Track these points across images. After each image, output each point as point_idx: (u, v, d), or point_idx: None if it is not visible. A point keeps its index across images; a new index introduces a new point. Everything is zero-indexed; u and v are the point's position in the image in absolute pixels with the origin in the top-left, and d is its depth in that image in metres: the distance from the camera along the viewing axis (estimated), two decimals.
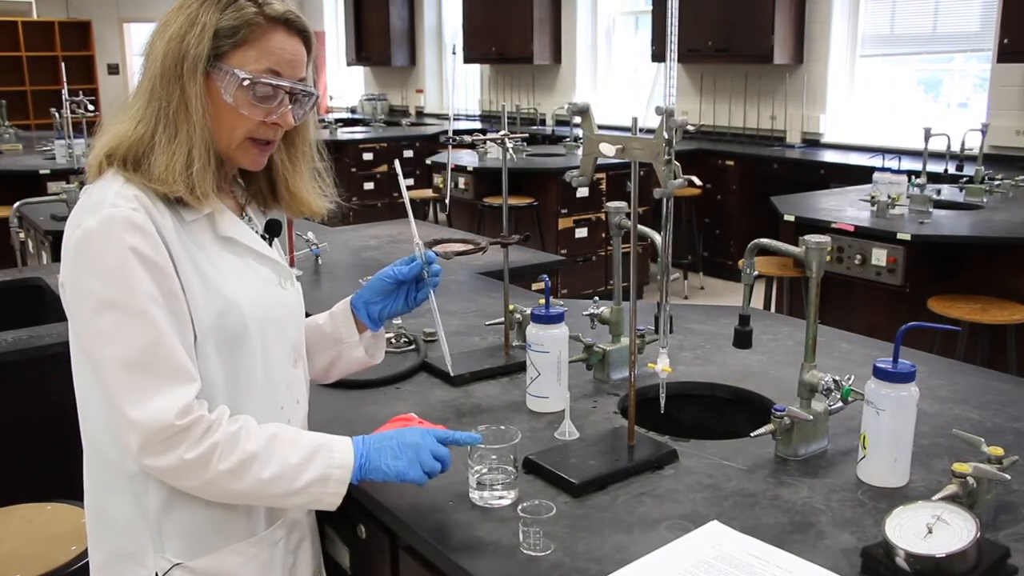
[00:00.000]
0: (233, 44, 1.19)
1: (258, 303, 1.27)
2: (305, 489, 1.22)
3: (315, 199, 1.39)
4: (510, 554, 1.18)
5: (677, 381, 1.79)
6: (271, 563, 1.34)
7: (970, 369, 1.91)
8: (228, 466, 1.17)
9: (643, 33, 8.00)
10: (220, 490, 1.19)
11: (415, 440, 1.28)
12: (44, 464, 2.08)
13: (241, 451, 1.18)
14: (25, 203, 3.12)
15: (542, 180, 5.74)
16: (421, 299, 1.49)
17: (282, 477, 1.20)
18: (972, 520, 1.11)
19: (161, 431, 1.13)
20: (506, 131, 1.78)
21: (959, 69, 6.14)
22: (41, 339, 2.21)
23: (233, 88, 1.20)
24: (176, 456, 1.14)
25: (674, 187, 1.27)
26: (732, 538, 1.20)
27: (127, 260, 1.13)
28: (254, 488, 1.19)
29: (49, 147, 6.18)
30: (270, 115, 1.23)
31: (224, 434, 1.17)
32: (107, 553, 1.29)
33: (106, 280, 1.13)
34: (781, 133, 6.83)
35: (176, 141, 1.18)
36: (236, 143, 1.24)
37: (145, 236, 1.14)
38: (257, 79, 1.20)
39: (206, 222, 1.24)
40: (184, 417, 1.14)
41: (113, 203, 1.15)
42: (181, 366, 1.16)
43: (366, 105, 10.77)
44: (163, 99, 1.19)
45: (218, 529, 1.27)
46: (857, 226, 3.67)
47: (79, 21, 12.02)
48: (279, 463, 1.20)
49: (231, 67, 1.19)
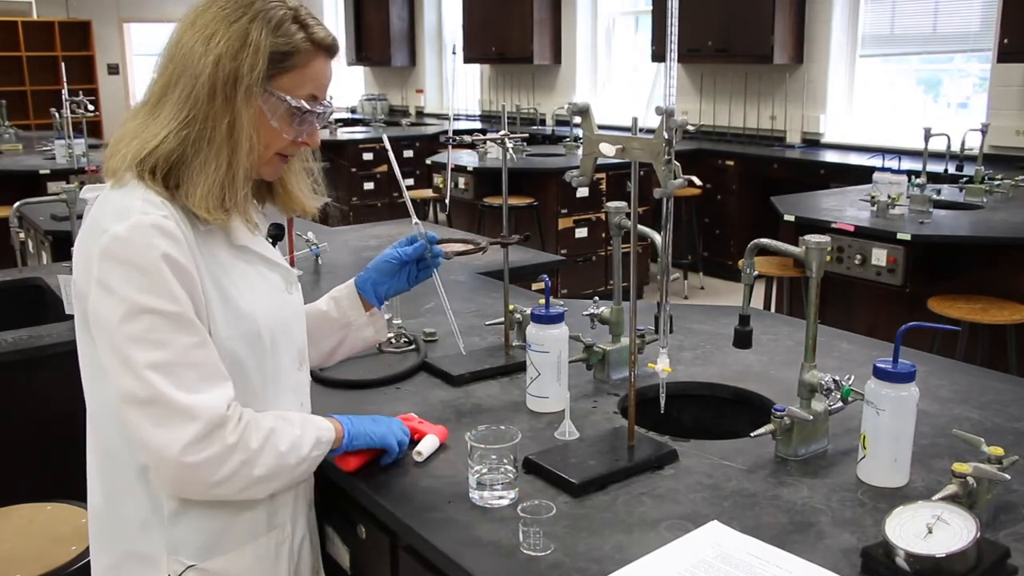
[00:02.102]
0: (284, 69, 1.21)
1: (270, 312, 1.28)
2: (309, 455, 1.28)
3: (308, 198, 1.41)
4: (510, 554, 1.18)
5: (677, 381, 1.79)
6: (278, 563, 1.35)
7: (970, 369, 1.91)
8: (257, 443, 1.21)
9: (643, 33, 8.00)
10: (246, 475, 1.20)
11: (382, 418, 1.44)
12: (44, 464, 2.08)
13: (264, 428, 1.23)
14: (25, 203, 3.12)
15: (542, 180, 5.74)
16: (422, 278, 1.59)
17: (293, 447, 1.25)
18: (972, 520, 1.11)
19: (218, 419, 1.16)
20: (506, 131, 1.78)
21: (959, 69, 6.13)
22: (41, 339, 2.21)
23: (279, 112, 1.21)
24: (221, 442, 1.17)
25: (674, 187, 1.27)
26: (732, 538, 1.20)
27: (160, 266, 1.13)
28: (275, 462, 1.23)
29: (49, 147, 6.18)
30: (301, 135, 1.27)
31: (248, 415, 1.22)
32: (117, 555, 1.29)
33: (139, 285, 1.12)
34: (781, 133, 6.83)
35: (218, 163, 1.17)
36: (267, 160, 1.26)
37: (176, 243, 1.15)
38: (304, 107, 1.22)
39: (220, 231, 1.24)
40: (231, 409, 1.18)
41: (143, 210, 1.14)
42: (219, 366, 1.19)
43: (366, 105, 10.78)
44: (209, 117, 1.17)
45: (229, 531, 1.28)
46: (857, 226, 3.67)
47: (79, 21, 12.01)
48: (288, 435, 1.25)
49: (280, 92, 1.21)
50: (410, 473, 1.42)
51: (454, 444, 1.50)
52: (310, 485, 1.45)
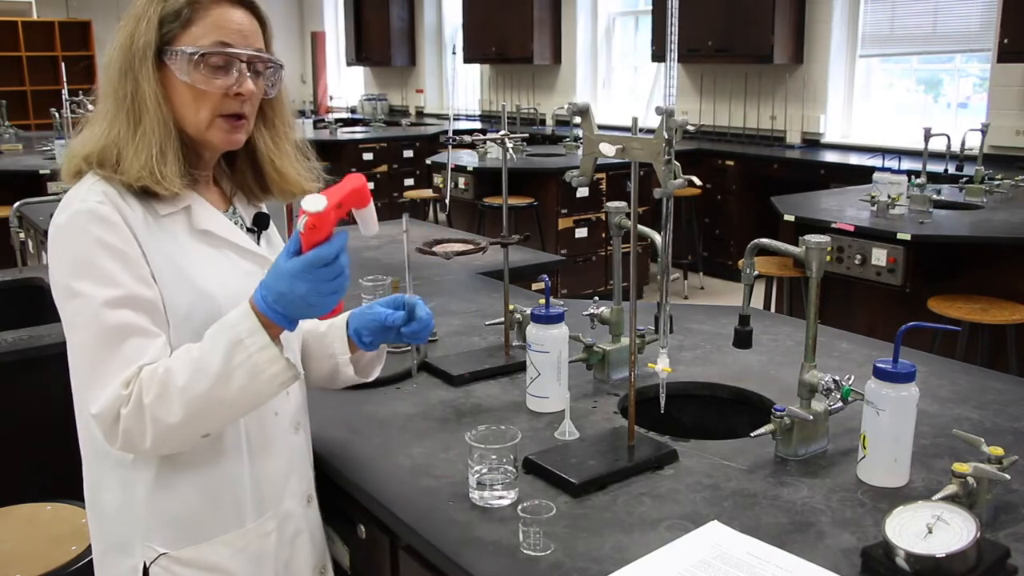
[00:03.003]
0: (179, 26, 1.23)
1: (236, 295, 1.23)
2: (229, 363, 1.13)
3: (303, 178, 1.40)
4: (510, 554, 1.18)
5: (677, 381, 1.79)
6: (261, 556, 1.33)
7: (970, 369, 1.90)
8: (151, 397, 1.13)
9: (643, 33, 8.00)
10: (164, 427, 1.14)
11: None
12: (44, 464, 2.08)
13: (156, 377, 1.14)
14: (25, 203, 3.12)
15: (542, 180, 5.74)
16: (416, 340, 1.42)
17: (197, 371, 1.13)
18: (972, 520, 1.11)
19: (114, 414, 1.14)
20: (506, 131, 1.78)
21: (959, 69, 6.14)
22: (41, 339, 2.21)
23: (186, 66, 1.22)
24: (124, 421, 1.14)
25: (674, 187, 1.27)
26: (732, 538, 1.20)
27: (94, 250, 1.17)
28: (185, 402, 1.13)
29: (49, 147, 6.18)
30: (231, 87, 1.24)
31: (145, 373, 1.15)
32: (104, 544, 1.31)
33: (71, 270, 1.17)
34: (781, 133, 6.83)
35: (140, 134, 1.22)
36: (205, 123, 1.25)
37: (111, 227, 1.18)
38: (205, 51, 1.22)
39: (183, 216, 1.27)
40: (129, 387, 1.15)
41: (82, 198, 1.20)
42: (130, 357, 1.15)
43: (366, 105, 10.78)
44: (123, 96, 1.23)
45: (204, 519, 1.28)
46: (857, 226, 3.67)
47: (79, 21, 12.00)
48: (185, 366, 1.14)
49: (180, 47, 1.22)
50: (410, 473, 1.42)
51: (454, 444, 1.50)
52: (304, 477, 1.41)
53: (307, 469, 1.43)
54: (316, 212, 1.10)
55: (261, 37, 1.29)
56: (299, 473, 1.40)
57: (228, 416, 1.21)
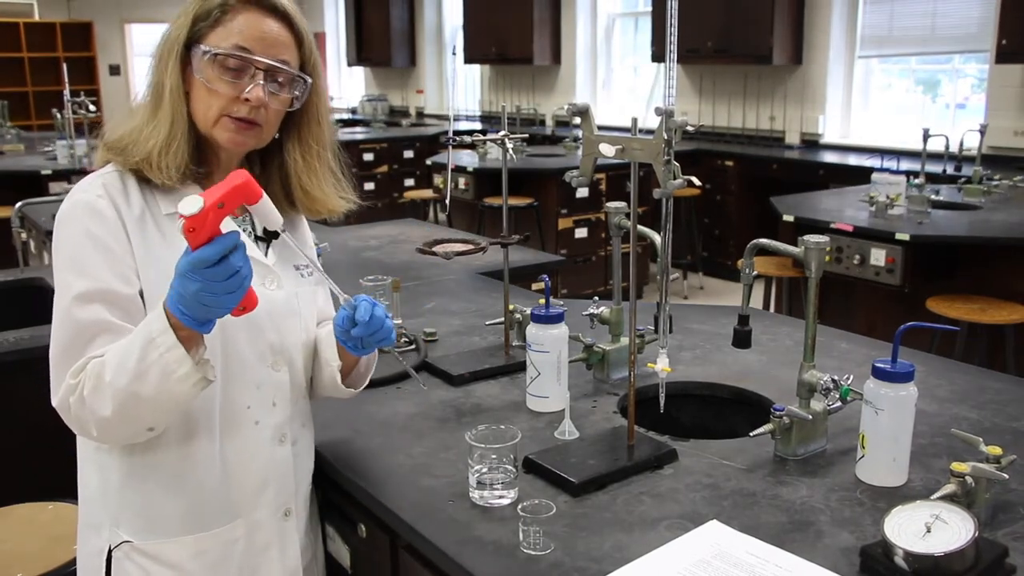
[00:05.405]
0: (208, 26, 1.25)
1: None
2: (143, 361, 1.12)
3: (332, 199, 1.40)
4: (510, 553, 1.19)
5: (677, 381, 1.79)
6: (224, 562, 1.31)
7: (968, 369, 1.91)
8: (90, 387, 1.16)
9: (643, 34, 8.00)
10: (101, 419, 1.16)
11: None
12: (44, 464, 2.08)
13: (92, 371, 1.16)
14: (27, 203, 3.13)
15: (542, 180, 5.75)
16: (372, 343, 1.32)
17: (119, 366, 1.13)
18: (970, 519, 1.11)
19: (65, 401, 1.19)
20: (506, 131, 1.78)
21: (957, 70, 6.14)
22: (43, 339, 2.19)
23: (202, 64, 1.24)
24: (73, 411, 1.18)
25: (674, 187, 1.27)
26: (731, 537, 1.21)
27: (81, 241, 1.21)
28: (112, 396, 1.14)
29: (51, 148, 6.18)
30: (241, 91, 1.25)
31: (90, 366, 1.17)
32: (83, 521, 1.35)
33: (59, 258, 1.22)
34: (780, 134, 6.84)
35: (154, 122, 1.25)
36: (212, 120, 1.26)
37: (101, 220, 1.22)
38: (220, 52, 1.24)
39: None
40: (75, 379, 1.18)
41: (84, 188, 1.25)
42: (89, 352, 1.19)
43: (366, 106, 10.77)
44: (151, 85, 1.28)
45: (168, 516, 1.28)
46: (856, 226, 3.68)
47: (81, 22, 12.02)
48: (114, 357, 1.15)
49: (203, 46, 1.24)
50: (410, 473, 1.42)
51: (454, 444, 1.51)
52: (284, 491, 1.36)
53: (289, 482, 1.37)
54: (192, 215, 1.04)
55: (294, 50, 1.29)
56: (278, 485, 1.36)
57: (156, 412, 1.18)
